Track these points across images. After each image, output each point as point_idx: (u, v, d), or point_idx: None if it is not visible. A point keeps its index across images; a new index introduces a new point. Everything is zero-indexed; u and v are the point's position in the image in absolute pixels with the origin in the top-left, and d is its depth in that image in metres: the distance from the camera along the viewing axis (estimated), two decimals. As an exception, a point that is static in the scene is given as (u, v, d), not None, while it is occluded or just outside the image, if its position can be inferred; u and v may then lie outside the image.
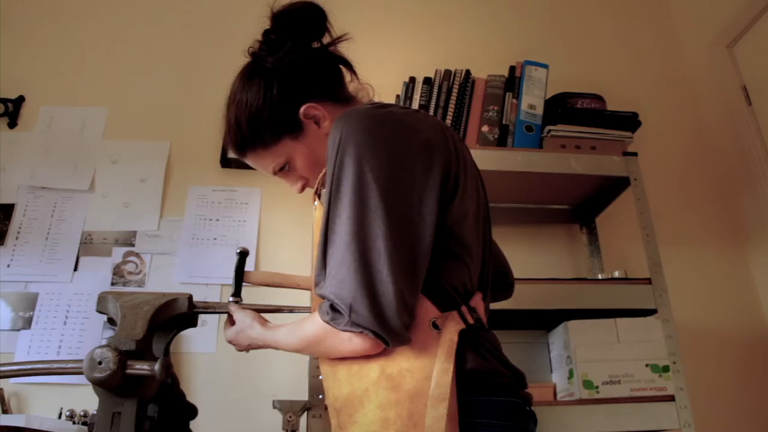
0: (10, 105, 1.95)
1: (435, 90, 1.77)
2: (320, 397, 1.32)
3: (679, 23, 2.27)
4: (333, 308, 0.81)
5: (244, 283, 1.16)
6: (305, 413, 1.29)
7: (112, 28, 2.11)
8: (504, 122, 1.74)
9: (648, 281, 1.53)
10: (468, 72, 1.79)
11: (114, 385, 0.95)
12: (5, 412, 1.60)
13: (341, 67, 1.07)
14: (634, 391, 1.41)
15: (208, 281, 1.77)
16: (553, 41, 2.16)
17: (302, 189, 1.08)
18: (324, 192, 0.98)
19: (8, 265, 1.77)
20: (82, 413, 1.61)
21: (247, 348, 1.07)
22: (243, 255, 1.18)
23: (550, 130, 1.69)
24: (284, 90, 0.99)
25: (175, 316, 1.11)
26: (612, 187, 1.74)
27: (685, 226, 1.95)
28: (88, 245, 1.82)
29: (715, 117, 2.09)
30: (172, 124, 1.98)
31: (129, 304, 1.09)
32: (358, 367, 0.87)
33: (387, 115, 0.90)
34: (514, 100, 1.76)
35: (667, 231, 1.65)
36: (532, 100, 1.76)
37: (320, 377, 1.33)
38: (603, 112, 1.74)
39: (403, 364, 0.83)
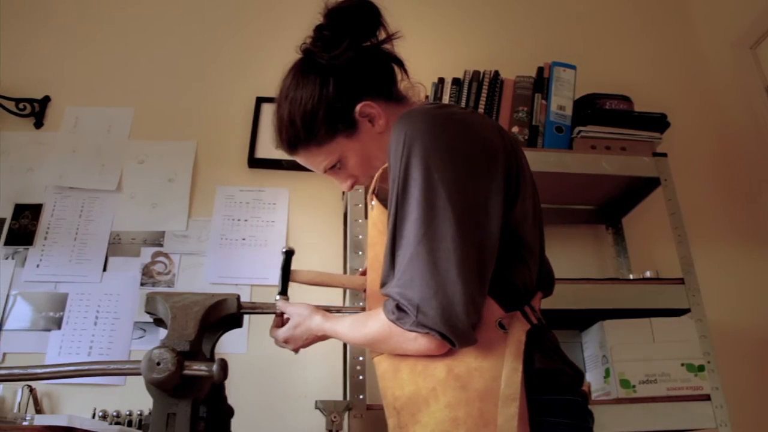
0: (36, 105, 1.95)
1: (464, 91, 1.78)
2: (361, 397, 1.32)
3: (702, 24, 2.28)
4: (399, 308, 0.82)
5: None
6: (346, 414, 1.30)
7: (136, 29, 2.11)
8: (534, 123, 1.74)
9: (681, 281, 1.53)
10: (497, 72, 1.80)
11: (171, 386, 0.95)
12: (38, 412, 1.60)
13: (393, 65, 1.08)
14: (670, 390, 1.41)
15: (238, 282, 1.77)
16: (577, 42, 2.17)
17: (351, 187, 1.08)
18: (382, 191, 0.99)
19: (37, 266, 1.77)
20: (114, 414, 1.60)
21: (304, 344, 1.07)
22: (289, 254, 1.18)
23: (580, 131, 1.70)
24: (340, 88, 0.98)
25: (224, 316, 1.12)
26: (640, 188, 1.75)
27: (713, 226, 1.96)
28: (117, 245, 1.82)
29: (739, 117, 2.10)
30: (198, 125, 1.98)
31: (179, 304, 1.09)
32: (423, 366, 0.87)
33: (450, 116, 0.91)
34: (543, 101, 1.77)
35: (695, 231, 1.65)
36: (561, 101, 1.76)
37: (361, 377, 1.35)
38: (632, 113, 1.74)
39: (471, 363, 0.84)
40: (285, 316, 1.12)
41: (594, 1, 2.30)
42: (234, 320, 1.15)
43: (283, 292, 1.16)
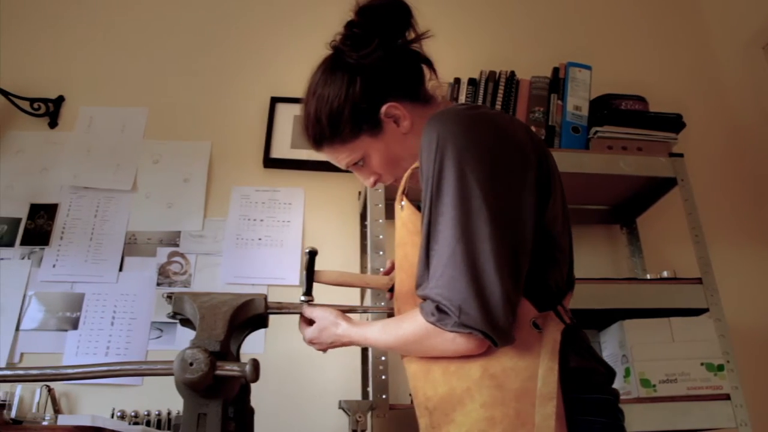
0: (50, 105, 1.95)
1: (480, 91, 1.78)
2: (384, 397, 1.32)
3: (715, 24, 2.29)
4: (439, 309, 0.82)
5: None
6: (369, 413, 1.30)
7: (149, 28, 2.10)
8: (550, 123, 1.75)
9: (698, 281, 1.54)
10: (513, 73, 1.80)
11: (204, 386, 0.95)
12: (56, 412, 1.59)
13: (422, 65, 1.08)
14: (690, 390, 1.42)
15: (254, 282, 1.77)
16: (590, 42, 2.17)
17: (374, 183, 1.08)
18: (412, 191, 0.99)
19: (53, 266, 1.77)
20: (132, 414, 1.60)
21: (329, 346, 1.08)
22: (312, 254, 1.18)
23: (597, 132, 1.71)
24: (367, 88, 0.98)
25: (252, 316, 1.12)
26: (656, 188, 1.76)
27: (728, 225, 1.97)
28: (132, 245, 1.81)
29: (752, 117, 2.11)
30: (213, 125, 1.98)
31: (207, 304, 1.09)
32: (457, 366, 0.88)
33: (482, 117, 0.91)
34: (559, 102, 1.77)
35: (711, 231, 1.66)
36: (577, 101, 1.77)
37: (383, 377, 1.35)
38: (648, 113, 1.75)
39: (506, 363, 0.84)
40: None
41: (606, 1, 2.30)
42: (260, 320, 1.15)
43: (308, 292, 1.16)
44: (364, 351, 1.67)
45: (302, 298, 1.15)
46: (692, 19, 2.32)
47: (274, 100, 1.98)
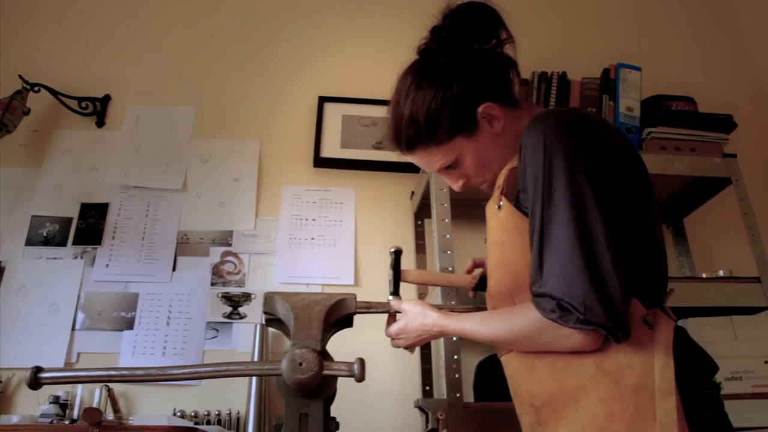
0: (97, 104, 1.94)
1: (534, 92, 1.79)
2: (458, 395, 1.33)
3: (761, 25, 2.30)
4: (560, 306, 0.83)
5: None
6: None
7: (194, 28, 2.10)
8: (603, 124, 1.76)
9: (757, 280, 1.56)
10: (564, 74, 1.82)
11: (313, 386, 0.96)
12: (116, 412, 1.59)
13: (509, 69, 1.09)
14: (755, 388, 1.44)
15: (309, 281, 1.77)
16: (636, 44, 2.19)
17: (463, 186, 1.09)
18: (510, 191, 1.00)
19: (107, 265, 1.76)
20: (192, 414, 1.60)
21: (416, 341, 1.08)
22: (398, 254, 1.19)
23: (650, 132, 1.72)
24: (463, 89, 0.99)
25: (343, 316, 1.12)
26: (707, 188, 1.77)
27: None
28: (185, 245, 1.81)
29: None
30: (261, 124, 1.98)
31: (299, 304, 1.09)
32: (565, 362, 0.89)
33: (583, 119, 0.93)
34: (611, 102, 1.79)
35: (764, 231, 1.68)
36: (629, 102, 1.78)
37: (456, 375, 1.35)
38: (700, 114, 1.77)
39: (620, 359, 0.86)
40: (397, 316, 1.13)
41: (651, 2, 2.32)
42: (348, 320, 1.15)
43: (395, 292, 1.17)
44: (424, 349, 1.67)
45: (390, 297, 1.16)
46: (738, 19, 2.34)
47: (322, 100, 1.98)
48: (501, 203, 1.03)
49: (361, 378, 0.95)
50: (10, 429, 1.11)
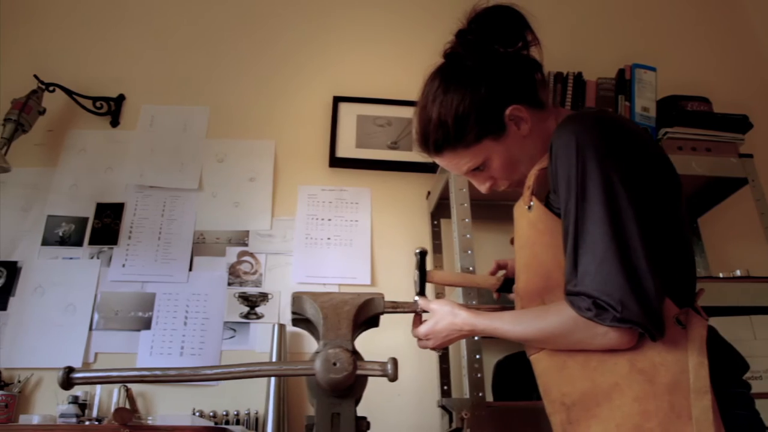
0: (112, 104, 1.94)
1: (550, 92, 1.80)
2: (480, 395, 1.33)
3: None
4: (597, 305, 0.83)
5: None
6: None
7: (208, 28, 2.10)
8: (620, 124, 1.76)
9: (774, 279, 1.57)
10: (580, 74, 1.82)
11: (347, 385, 0.96)
12: (134, 411, 1.59)
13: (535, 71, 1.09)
14: (775, 387, 1.44)
15: (326, 281, 1.77)
16: (651, 44, 2.20)
17: (490, 189, 1.09)
18: (540, 192, 1.00)
19: (123, 265, 1.76)
20: (211, 414, 1.60)
21: (445, 341, 1.08)
22: (423, 254, 1.19)
23: (666, 133, 1.73)
24: (491, 91, 1.00)
25: (371, 316, 1.12)
26: (722, 188, 1.78)
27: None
28: (201, 245, 1.81)
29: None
30: (276, 124, 1.98)
31: (328, 304, 1.09)
32: (598, 361, 0.89)
33: (614, 120, 0.95)
34: (627, 103, 1.79)
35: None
36: (644, 102, 1.79)
37: (479, 375, 1.36)
38: (716, 114, 1.77)
39: (654, 358, 0.86)
40: (423, 317, 1.13)
41: (666, 2, 2.33)
42: (374, 320, 1.15)
43: (422, 292, 1.17)
44: (449, 351, 1.67)
45: (416, 297, 1.16)
46: (752, 20, 2.34)
47: (337, 99, 1.98)
48: (531, 203, 1.03)
49: (394, 377, 0.96)
50: (41, 429, 1.11)
